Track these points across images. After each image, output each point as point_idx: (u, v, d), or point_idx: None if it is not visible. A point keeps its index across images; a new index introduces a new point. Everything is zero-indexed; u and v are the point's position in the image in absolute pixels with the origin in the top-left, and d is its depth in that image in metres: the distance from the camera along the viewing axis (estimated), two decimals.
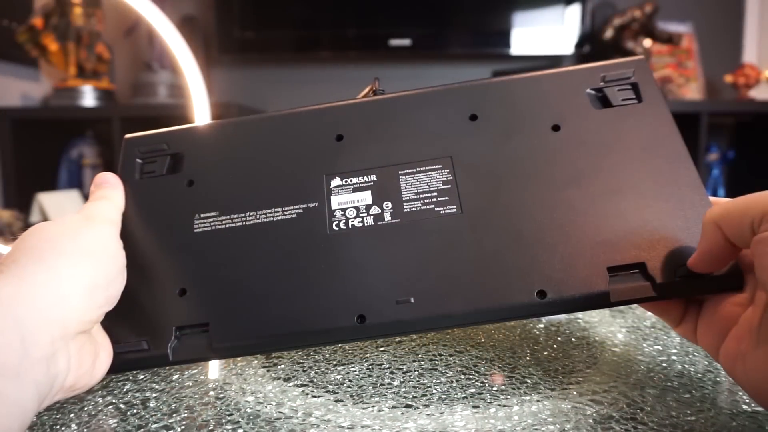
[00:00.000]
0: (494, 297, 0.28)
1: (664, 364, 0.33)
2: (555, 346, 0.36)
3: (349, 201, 0.31)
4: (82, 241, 0.27)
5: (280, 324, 0.28)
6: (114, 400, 0.29)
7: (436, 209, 0.31)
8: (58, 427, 0.26)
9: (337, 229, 0.31)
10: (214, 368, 0.33)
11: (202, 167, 0.34)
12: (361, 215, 0.31)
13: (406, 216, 0.31)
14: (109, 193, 0.32)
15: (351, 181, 0.32)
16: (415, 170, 0.32)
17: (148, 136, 0.35)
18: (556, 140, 0.32)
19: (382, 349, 0.35)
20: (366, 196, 0.32)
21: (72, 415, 0.27)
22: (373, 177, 0.32)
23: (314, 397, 0.29)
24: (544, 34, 1.75)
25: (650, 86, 0.33)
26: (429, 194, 0.31)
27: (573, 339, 0.38)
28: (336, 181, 0.32)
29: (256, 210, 0.32)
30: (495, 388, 0.30)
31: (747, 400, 0.28)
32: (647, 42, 1.71)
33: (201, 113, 1.18)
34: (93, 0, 1.64)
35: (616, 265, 0.28)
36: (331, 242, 0.30)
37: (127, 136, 0.36)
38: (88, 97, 1.67)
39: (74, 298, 0.24)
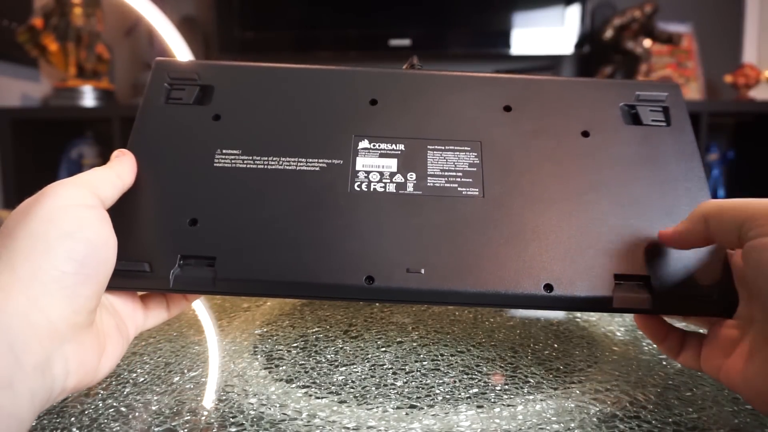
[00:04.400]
0: (502, 283, 0.28)
1: (663, 363, 0.33)
2: (555, 345, 0.36)
3: (375, 165, 0.32)
4: (51, 229, 0.23)
5: (287, 270, 0.29)
6: (115, 404, 0.28)
7: (459, 189, 0.31)
8: (58, 431, 0.26)
9: (358, 189, 0.31)
10: (215, 370, 0.33)
11: (230, 104, 0.33)
12: (384, 181, 0.31)
13: (428, 190, 0.31)
14: (116, 166, 0.29)
15: (379, 146, 0.32)
16: (443, 148, 0.32)
17: (180, 62, 0.35)
18: (583, 146, 0.32)
19: (383, 349, 0.35)
20: (392, 164, 0.32)
21: (73, 419, 0.27)
22: (401, 147, 0.32)
23: (318, 398, 0.29)
24: (544, 34, 1.75)
25: (680, 112, 0.34)
26: (454, 173, 0.31)
27: (573, 339, 0.38)
28: (364, 143, 0.32)
29: (279, 156, 0.32)
30: (498, 388, 0.30)
31: None
32: (647, 42, 1.71)
33: None
34: (93, 0, 1.64)
35: (623, 273, 0.29)
36: (350, 200, 0.30)
37: (158, 59, 0.35)
38: (88, 97, 1.67)
39: (51, 297, 0.22)
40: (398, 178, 0.31)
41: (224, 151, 0.32)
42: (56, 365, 0.22)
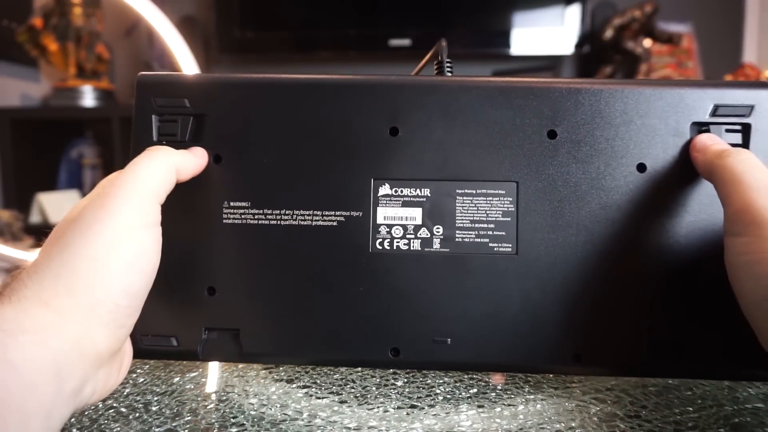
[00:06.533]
0: (531, 354, 0.28)
1: None
2: None
3: (397, 216, 0.29)
4: (114, 258, 0.23)
5: (311, 343, 0.29)
6: (115, 404, 0.28)
7: (490, 245, 0.28)
8: None
9: (380, 248, 0.29)
10: (215, 371, 0.33)
11: (229, 138, 0.29)
12: (408, 236, 0.29)
13: (456, 246, 0.28)
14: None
15: (402, 191, 0.29)
16: (474, 191, 0.29)
17: (166, 82, 0.30)
18: (636, 185, 0.28)
19: None
20: (416, 214, 0.29)
21: (73, 420, 0.27)
22: (427, 192, 0.29)
23: (318, 398, 0.29)
24: (544, 34, 1.75)
25: (764, 135, 0.28)
26: (485, 225, 0.29)
27: None
28: (385, 189, 0.29)
29: (292, 209, 0.29)
30: (499, 388, 0.30)
31: (747, 396, 0.28)
32: (647, 42, 1.71)
33: None
34: (93, 0, 1.64)
35: (657, 340, 0.28)
36: (372, 262, 0.28)
37: (141, 74, 0.31)
38: (88, 97, 1.67)
39: (103, 328, 0.22)
40: (423, 232, 0.29)
41: (232, 204, 0.29)
42: (87, 390, 0.22)
